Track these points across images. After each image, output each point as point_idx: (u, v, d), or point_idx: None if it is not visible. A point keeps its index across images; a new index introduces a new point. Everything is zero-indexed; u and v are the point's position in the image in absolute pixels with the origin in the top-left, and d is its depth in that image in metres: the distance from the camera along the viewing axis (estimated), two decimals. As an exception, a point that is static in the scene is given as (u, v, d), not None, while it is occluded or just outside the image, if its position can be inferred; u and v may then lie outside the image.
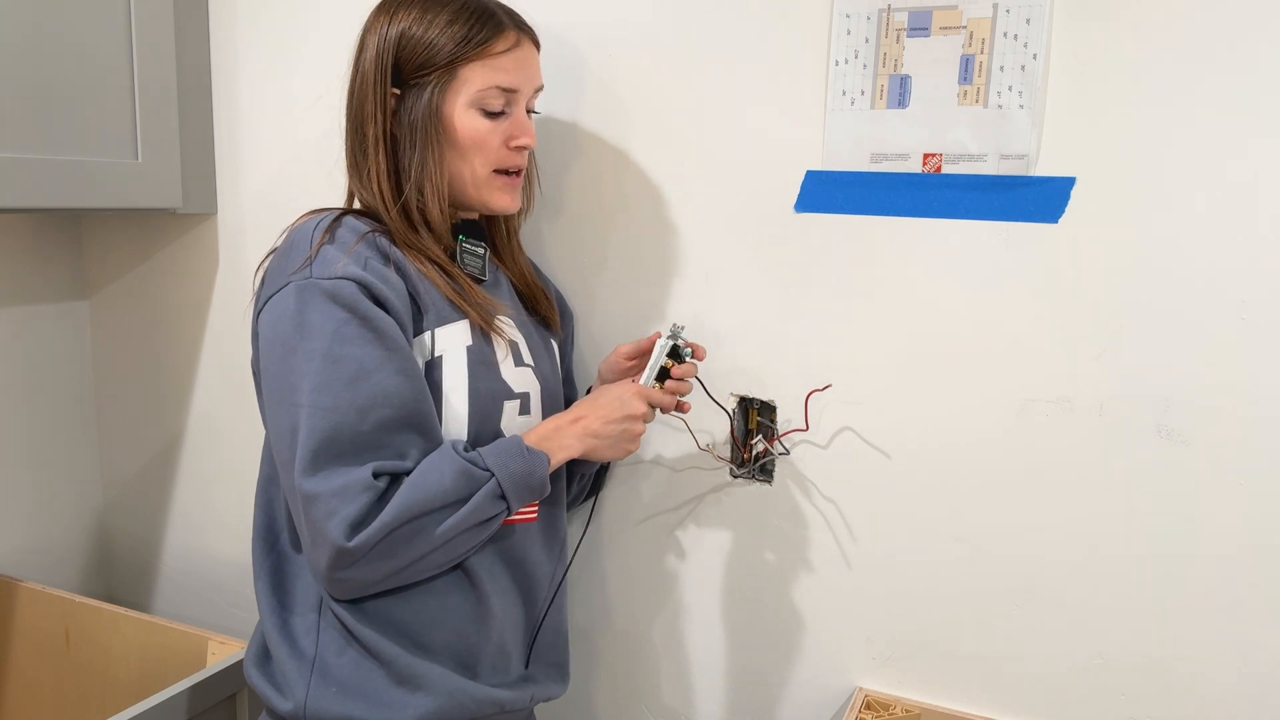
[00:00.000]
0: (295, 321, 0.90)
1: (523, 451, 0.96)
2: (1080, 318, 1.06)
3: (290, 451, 0.90)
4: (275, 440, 0.93)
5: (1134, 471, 1.06)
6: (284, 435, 0.91)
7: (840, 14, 1.10)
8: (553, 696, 1.11)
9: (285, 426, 0.90)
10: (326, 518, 0.87)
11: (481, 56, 0.99)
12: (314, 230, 0.95)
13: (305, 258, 0.93)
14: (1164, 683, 1.07)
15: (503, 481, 0.93)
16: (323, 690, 0.96)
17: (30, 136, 1.23)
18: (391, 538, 0.88)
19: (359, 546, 0.87)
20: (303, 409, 0.89)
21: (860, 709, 1.17)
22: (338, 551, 0.88)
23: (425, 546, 0.91)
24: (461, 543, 0.94)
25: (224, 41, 1.45)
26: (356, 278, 0.91)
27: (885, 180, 1.11)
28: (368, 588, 0.94)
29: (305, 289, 0.91)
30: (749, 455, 1.21)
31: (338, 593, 0.95)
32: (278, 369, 0.91)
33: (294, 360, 0.90)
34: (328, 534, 0.87)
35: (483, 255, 1.07)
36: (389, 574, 0.92)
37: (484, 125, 1.00)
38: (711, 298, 1.22)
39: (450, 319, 0.99)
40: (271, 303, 0.93)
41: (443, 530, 0.91)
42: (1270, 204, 0.97)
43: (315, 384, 0.89)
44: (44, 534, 1.63)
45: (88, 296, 1.66)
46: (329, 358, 0.89)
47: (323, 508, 0.88)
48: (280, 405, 0.91)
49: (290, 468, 0.90)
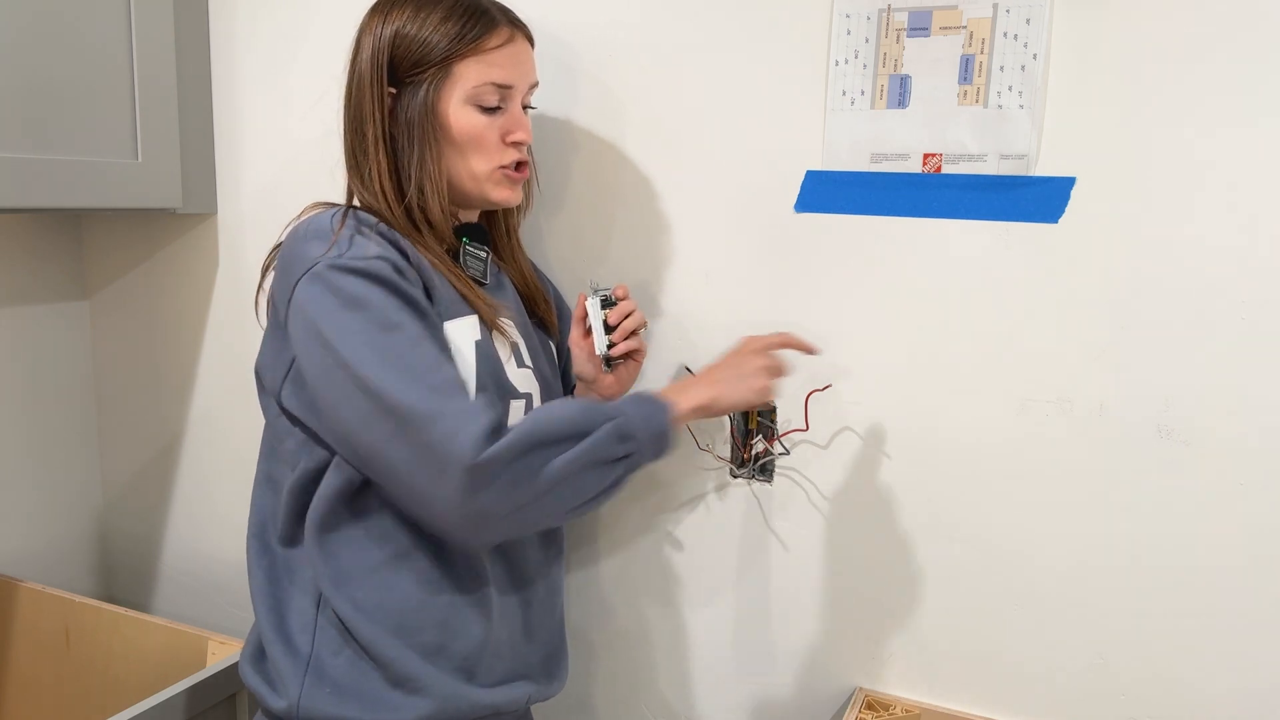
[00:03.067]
0: (340, 298, 0.89)
1: (645, 397, 0.95)
2: (1080, 318, 1.06)
3: (370, 402, 0.86)
4: (343, 403, 0.89)
5: (1134, 471, 1.06)
6: (353, 394, 0.87)
7: (840, 14, 1.10)
8: (549, 696, 1.11)
9: (351, 386, 0.88)
10: (450, 437, 0.84)
11: (475, 53, 0.99)
12: (332, 219, 0.96)
13: (330, 242, 0.92)
14: (1164, 683, 1.07)
15: (626, 419, 0.91)
16: (317, 690, 0.96)
17: (30, 136, 1.23)
18: (519, 462, 0.85)
19: (491, 460, 0.84)
20: (375, 368, 0.86)
21: (860, 709, 1.16)
22: (469, 470, 0.83)
23: (551, 478, 0.87)
24: (587, 482, 0.89)
25: (224, 41, 1.45)
26: (388, 258, 0.92)
27: (885, 180, 1.11)
28: (496, 524, 0.88)
29: (340, 268, 0.90)
30: (749, 455, 1.21)
31: (467, 531, 0.89)
32: (334, 340, 0.88)
33: (349, 331, 0.88)
34: (455, 452, 0.83)
35: (485, 259, 1.07)
36: (516, 507, 0.87)
37: (480, 121, 1.00)
38: (711, 297, 1.22)
39: (460, 313, 0.99)
40: (303, 285, 0.91)
41: (568, 461, 0.87)
42: (1270, 204, 0.97)
43: (383, 349, 0.87)
44: (44, 534, 1.63)
45: (88, 296, 1.66)
46: (386, 325, 0.89)
47: (445, 425, 0.84)
48: (341, 372, 0.88)
49: (377, 417, 0.86)
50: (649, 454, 0.93)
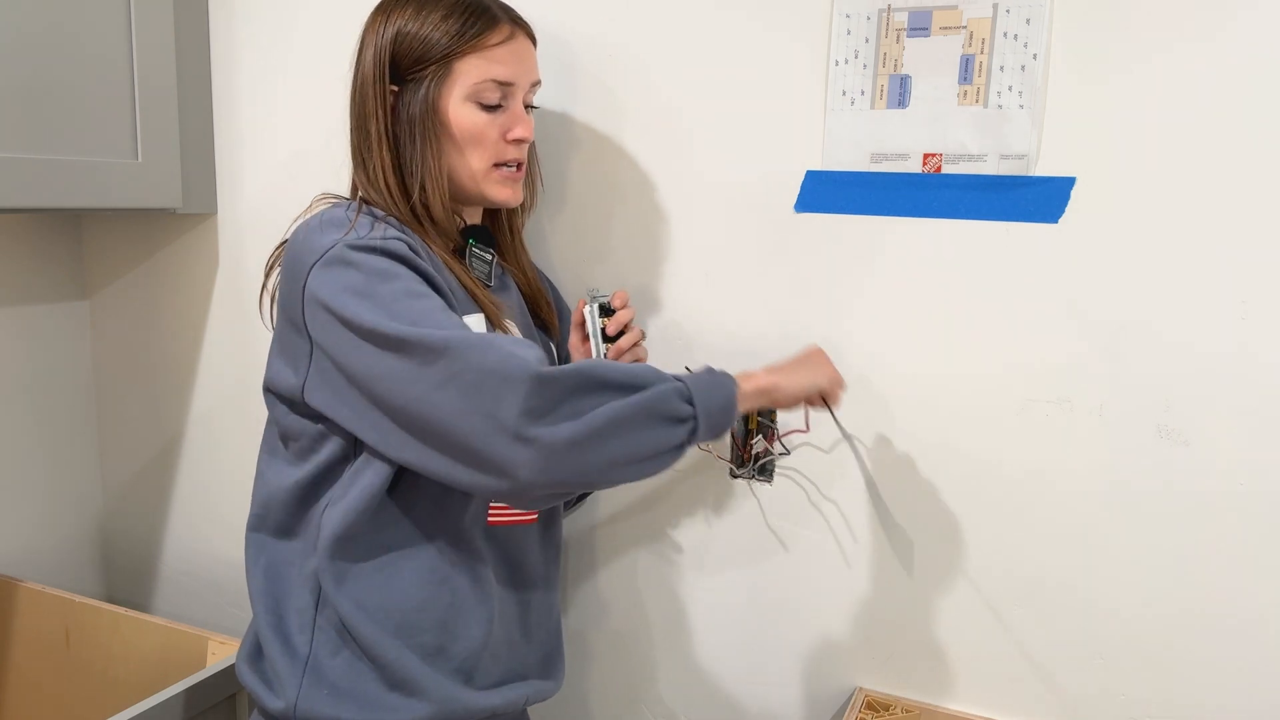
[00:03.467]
0: (364, 271, 0.89)
1: (709, 370, 0.93)
2: (1080, 318, 1.05)
3: (409, 357, 0.84)
4: (375, 372, 0.86)
5: (1134, 471, 1.05)
6: (386, 357, 0.85)
7: (840, 14, 1.10)
8: (546, 697, 1.11)
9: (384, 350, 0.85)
10: (509, 358, 0.82)
11: (476, 50, 0.99)
12: (347, 210, 0.96)
13: (347, 228, 0.93)
14: (1164, 683, 1.07)
15: (690, 383, 0.89)
16: (315, 691, 0.96)
17: (30, 136, 1.23)
18: (580, 394, 0.82)
19: (555, 377, 0.81)
20: (408, 325, 0.84)
21: (860, 709, 1.16)
22: (534, 382, 0.80)
23: (611, 419, 0.83)
24: (647, 437, 0.85)
25: (224, 41, 1.45)
26: (406, 240, 0.93)
27: (885, 180, 1.11)
28: (554, 463, 0.82)
29: (361, 247, 0.90)
30: (749, 455, 1.21)
31: (527, 468, 0.82)
32: (359, 311, 0.86)
33: (376, 300, 0.87)
34: (516, 368, 0.81)
35: (490, 261, 1.08)
36: (574, 442, 0.82)
37: (480, 119, 1.00)
38: (711, 297, 1.22)
39: (468, 310, 0.99)
40: (319, 270, 0.90)
41: (627, 407, 0.83)
42: (1270, 203, 0.97)
43: (414, 312, 0.86)
44: (44, 534, 1.63)
45: (88, 296, 1.66)
46: (412, 294, 0.88)
47: (500, 351, 0.82)
48: (369, 343, 0.86)
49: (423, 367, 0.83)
50: (710, 423, 0.89)
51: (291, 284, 0.93)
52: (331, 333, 0.89)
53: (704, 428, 0.89)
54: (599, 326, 1.10)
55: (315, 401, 0.94)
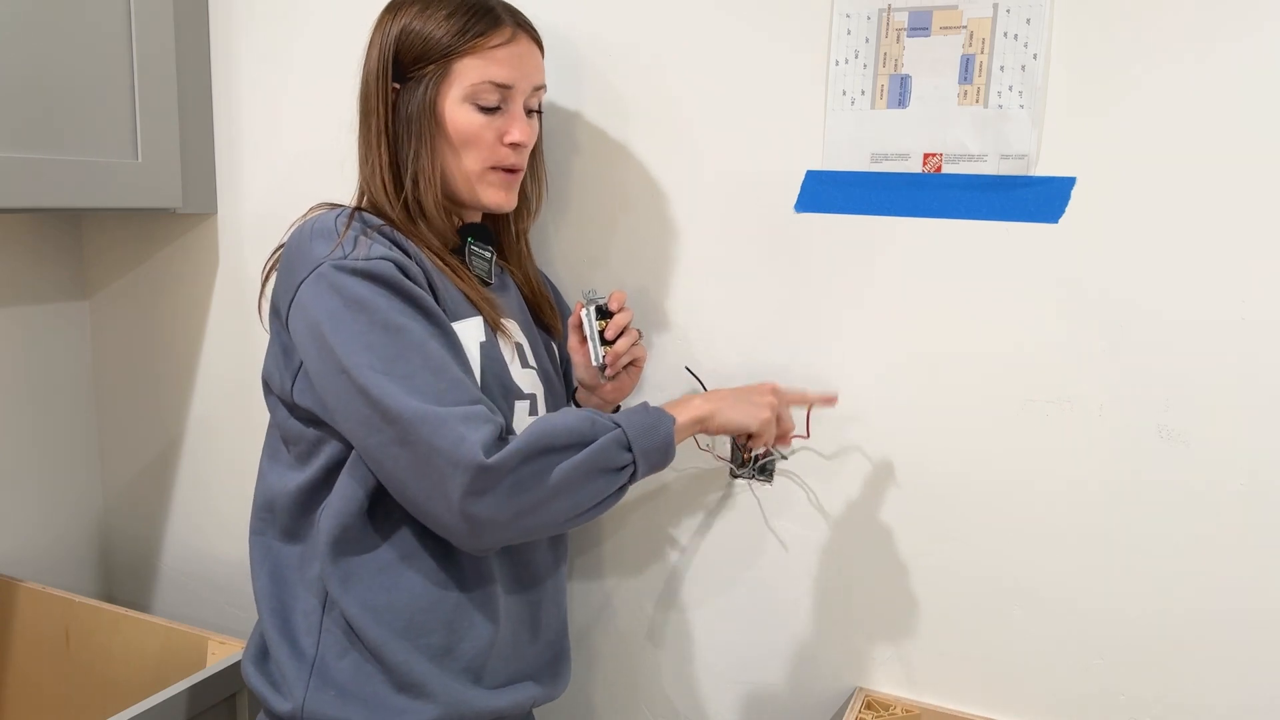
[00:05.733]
0: (343, 298, 0.89)
1: (646, 409, 0.96)
2: (1080, 317, 1.05)
3: (371, 409, 0.87)
4: (345, 406, 0.89)
5: (1134, 472, 1.05)
6: (354, 398, 0.88)
7: (840, 14, 1.10)
8: (553, 698, 1.11)
9: (353, 391, 0.88)
10: (458, 442, 0.84)
11: (476, 50, 0.99)
12: (336, 220, 0.96)
13: (335, 243, 0.92)
14: (1164, 683, 1.07)
15: (627, 430, 0.92)
16: (321, 693, 0.96)
17: (30, 136, 1.23)
18: (523, 468, 0.86)
19: (495, 467, 0.84)
20: (376, 374, 0.87)
21: (860, 709, 1.16)
22: (477, 471, 0.84)
23: (554, 484, 0.87)
24: (589, 490, 0.90)
25: (224, 41, 1.45)
26: (392, 259, 0.92)
27: (885, 180, 1.11)
28: (498, 530, 0.88)
29: (345, 269, 0.90)
30: (749, 455, 1.21)
31: (469, 536, 0.89)
32: (335, 342, 0.88)
33: (351, 333, 0.88)
34: (463, 455, 0.84)
35: (489, 259, 1.07)
36: (518, 514, 0.87)
37: (477, 120, 1.00)
38: (711, 297, 1.22)
39: (465, 314, 0.99)
40: (308, 285, 0.91)
41: (570, 468, 0.88)
42: (1270, 203, 0.97)
43: (384, 353, 0.88)
44: (44, 534, 1.63)
45: (88, 296, 1.66)
46: (389, 327, 0.89)
47: (451, 433, 0.85)
48: (342, 377, 0.88)
49: (378, 424, 0.87)
50: (649, 464, 0.94)
51: (283, 292, 0.95)
52: (309, 352, 0.92)
53: (642, 469, 0.93)
54: (596, 329, 1.10)
55: (304, 402, 0.96)
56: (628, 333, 1.11)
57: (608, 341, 1.10)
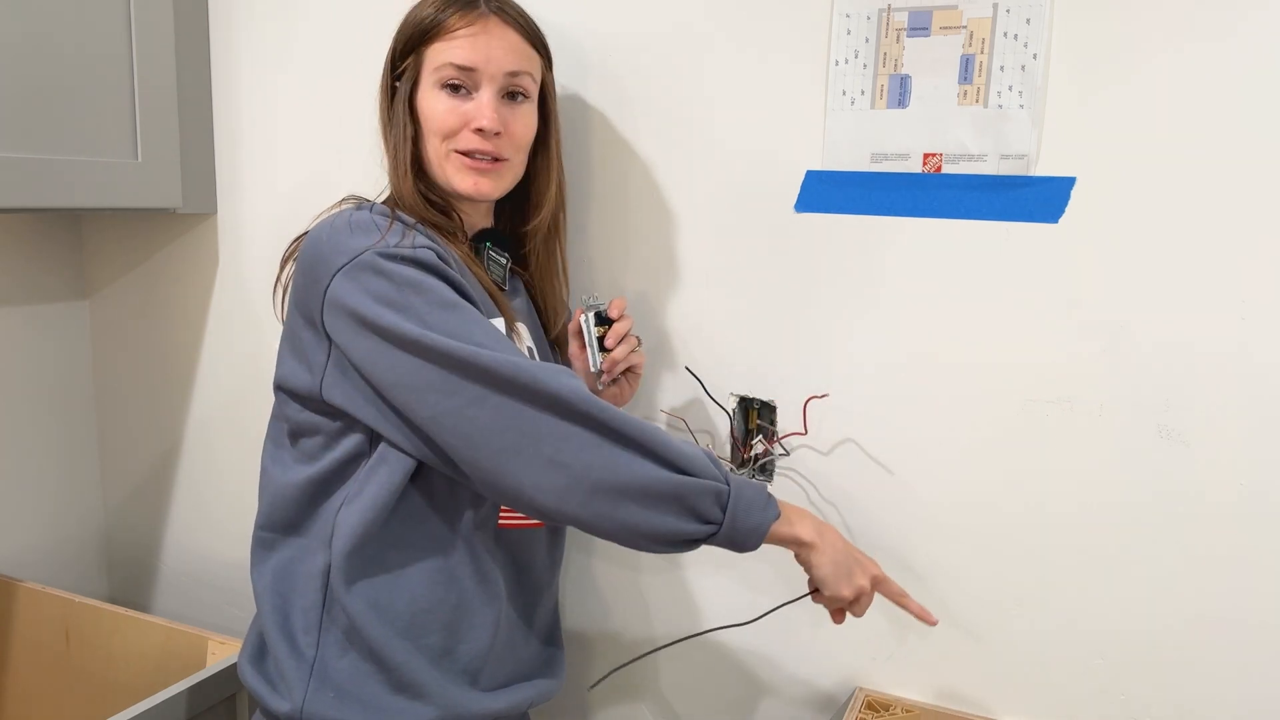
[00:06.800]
0: (394, 281, 0.89)
1: (764, 490, 0.91)
2: (1080, 318, 1.05)
3: (449, 369, 0.85)
4: (409, 378, 0.87)
5: (1134, 472, 1.05)
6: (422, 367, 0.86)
7: (840, 14, 1.10)
8: (548, 698, 1.11)
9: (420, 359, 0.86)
10: (552, 376, 0.84)
11: (442, 35, 1.00)
12: (373, 213, 0.96)
13: (377, 236, 0.92)
14: (1164, 683, 1.07)
15: (733, 491, 0.87)
16: (321, 693, 0.96)
17: (30, 136, 1.23)
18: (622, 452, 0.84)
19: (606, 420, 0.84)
20: (450, 339, 0.86)
21: (860, 709, 1.16)
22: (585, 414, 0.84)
23: (642, 481, 0.84)
24: (662, 519, 0.85)
25: (224, 41, 1.45)
26: (435, 249, 0.93)
27: (885, 180, 1.11)
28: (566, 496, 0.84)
29: (392, 256, 0.90)
30: (749, 455, 1.21)
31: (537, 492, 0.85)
32: (393, 320, 0.87)
33: (411, 309, 0.88)
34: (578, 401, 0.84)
35: (504, 265, 1.08)
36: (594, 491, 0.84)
37: (442, 105, 1.00)
38: (711, 297, 1.22)
39: (490, 314, 0.99)
40: (347, 273, 0.90)
41: (661, 480, 0.84)
42: (1270, 203, 0.97)
43: (451, 325, 0.87)
44: (44, 534, 1.63)
45: (88, 296, 1.66)
46: (446, 304, 0.89)
47: (540, 373, 0.84)
48: (403, 348, 0.87)
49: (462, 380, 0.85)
50: (731, 538, 0.88)
51: (311, 283, 0.93)
52: (358, 339, 0.89)
53: (722, 538, 0.88)
54: (595, 336, 1.09)
55: (335, 398, 0.94)
56: (626, 340, 1.11)
57: (606, 348, 1.10)
